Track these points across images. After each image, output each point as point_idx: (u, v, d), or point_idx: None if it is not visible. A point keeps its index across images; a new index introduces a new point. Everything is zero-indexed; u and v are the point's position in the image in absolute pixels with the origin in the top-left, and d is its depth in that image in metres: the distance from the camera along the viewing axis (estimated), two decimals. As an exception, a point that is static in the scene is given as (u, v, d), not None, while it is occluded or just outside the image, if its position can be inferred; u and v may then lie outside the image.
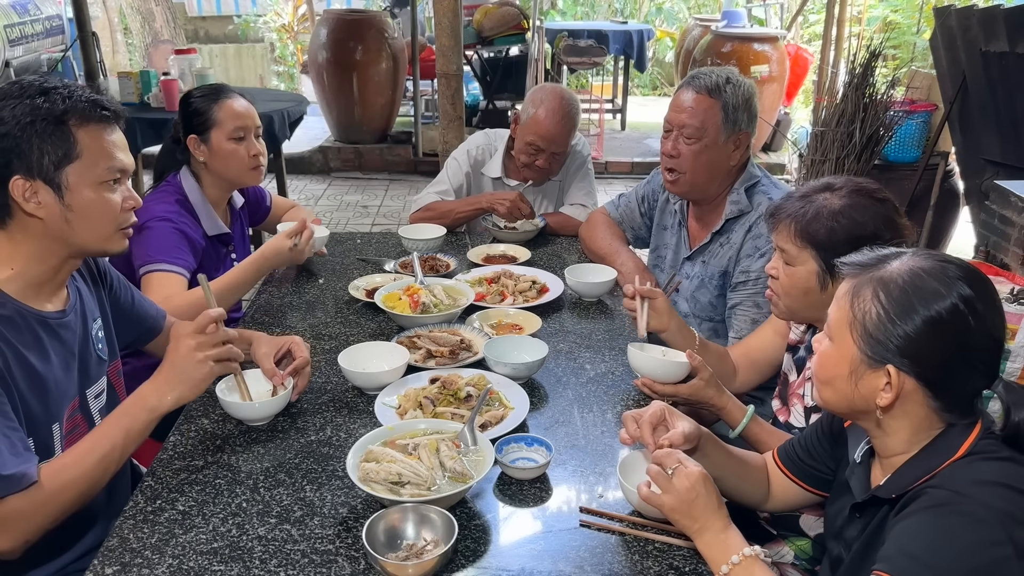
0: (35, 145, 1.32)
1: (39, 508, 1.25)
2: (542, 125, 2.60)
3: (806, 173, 4.83)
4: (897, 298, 1.08)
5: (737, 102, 2.04)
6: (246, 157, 2.19)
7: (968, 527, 0.99)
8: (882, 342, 1.09)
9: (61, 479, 1.27)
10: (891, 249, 1.17)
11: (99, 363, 1.53)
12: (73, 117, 1.35)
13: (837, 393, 1.17)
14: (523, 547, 1.26)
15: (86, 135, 1.36)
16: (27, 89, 1.34)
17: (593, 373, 1.82)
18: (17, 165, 1.32)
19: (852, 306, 1.13)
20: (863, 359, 1.11)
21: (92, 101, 1.37)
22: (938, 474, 1.07)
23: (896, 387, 1.09)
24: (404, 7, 7.27)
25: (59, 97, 1.34)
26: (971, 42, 3.88)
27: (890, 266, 1.12)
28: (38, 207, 1.34)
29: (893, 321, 1.08)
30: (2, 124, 1.31)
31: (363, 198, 6.32)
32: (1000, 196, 3.48)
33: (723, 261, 2.14)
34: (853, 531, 1.23)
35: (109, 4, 10.18)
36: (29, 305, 1.37)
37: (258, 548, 1.24)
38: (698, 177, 2.11)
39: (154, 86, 4.50)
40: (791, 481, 1.44)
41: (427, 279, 2.17)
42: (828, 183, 1.56)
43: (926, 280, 1.08)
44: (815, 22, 9.02)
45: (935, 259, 1.11)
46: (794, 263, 1.56)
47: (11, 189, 1.32)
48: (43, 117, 1.32)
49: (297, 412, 1.63)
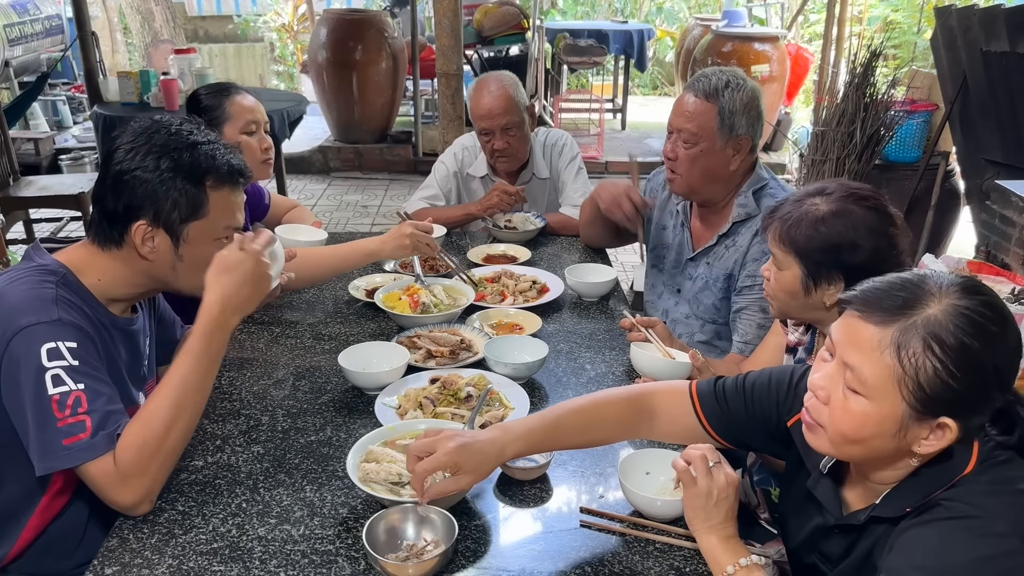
0: (170, 198, 1.36)
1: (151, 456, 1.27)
2: (477, 107, 2.65)
3: (807, 173, 4.83)
4: (956, 349, 0.98)
5: (735, 107, 2.01)
6: (258, 151, 2.23)
7: (982, 540, 0.97)
8: (940, 398, 0.99)
9: (165, 419, 1.29)
10: (905, 282, 1.05)
11: (143, 379, 1.55)
12: (211, 179, 1.39)
13: (868, 449, 1.06)
14: (523, 547, 1.26)
15: (218, 197, 1.41)
16: (175, 137, 1.38)
17: (593, 373, 1.82)
18: (147, 210, 1.36)
19: (900, 360, 1.00)
20: (912, 415, 1.01)
21: (233, 167, 1.42)
22: (953, 487, 1.03)
23: (952, 437, 1.01)
24: (404, 7, 7.27)
25: (203, 156, 1.39)
26: (972, 42, 3.88)
27: (928, 309, 1.00)
28: (152, 251, 1.38)
29: (953, 375, 0.98)
30: (144, 171, 1.35)
31: (363, 198, 6.32)
32: (1001, 196, 3.48)
33: (728, 264, 2.13)
34: (834, 547, 1.19)
35: (109, 4, 10.18)
36: (107, 309, 1.42)
37: (258, 548, 1.23)
38: (694, 180, 2.10)
39: (154, 86, 4.51)
40: (703, 427, 1.32)
41: (427, 279, 2.17)
42: (822, 187, 1.54)
43: (977, 322, 0.99)
44: (815, 22, 9.02)
45: (969, 294, 1.01)
46: (781, 267, 1.56)
47: (134, 231, 1.37)
48: (185, 175, 1.37)
49: (297, 412, 1.63)
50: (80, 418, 1.24)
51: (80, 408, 1.24)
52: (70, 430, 1.23)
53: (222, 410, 1.62)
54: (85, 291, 1.38)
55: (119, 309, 1.46)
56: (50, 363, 1.24)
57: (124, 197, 1.36)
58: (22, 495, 1.37)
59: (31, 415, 1.24)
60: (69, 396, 1.24)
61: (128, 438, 1.27)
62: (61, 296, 1.32)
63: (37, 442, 1.24)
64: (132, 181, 1.35)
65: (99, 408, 1.26)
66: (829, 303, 1.52)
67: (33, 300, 1.29)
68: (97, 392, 1.27)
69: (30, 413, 1.24)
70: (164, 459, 1.30)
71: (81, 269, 1.39)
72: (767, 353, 1.86)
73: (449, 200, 2.83)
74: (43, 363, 1.24)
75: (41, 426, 1.24)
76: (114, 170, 1.37)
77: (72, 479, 1.35)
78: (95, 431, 1.24)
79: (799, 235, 1.50)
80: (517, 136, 2.69)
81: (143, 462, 1.26)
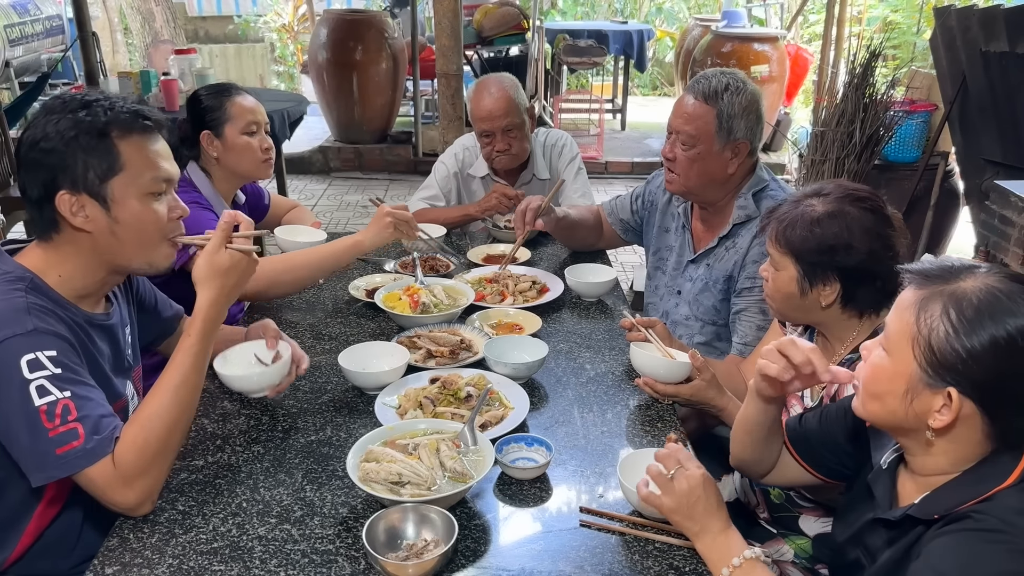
0: (79, 159, 1.32)
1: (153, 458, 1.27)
2: (478, 109, 2.65)
3: (806, 173, 4.83)
4: (970, 317, 1.01)
5: (733, 111, 2.00)
6: (258, 151, 2.24)
7: (1009, 556, 0.96)
8: (946, 362, 1.02)
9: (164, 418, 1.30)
10: (962, 261, 1.09)
11: (127, 369, 1.54)
12: (115, 129, 1.35)
13: (886, 408, 1.10)
14: (523, 547, 1.26)
15: (129, 147, 1.36)
16: (69, 103, 1.35)
17: (593, 373, 1.82)
18: (62, 179, 1.32)
19: (918, 320, 1.04)
20: (922, 377, 1.04)
21: (134, 112, 1.38)
22: (986, 499, 1.02)
23: (955, 411, 1.03)
24: (404, 7, 7.27)
25: (101, 109, 1.34)
26: (971, 42, 3.88)
27: (963, 282, 1.04)
28: (86, 221, 1.35)
29: (961, 341, 1.01)
30: (46, 140, 1.32)
31: (363, 198, 6.32)
32: (1000, 196, 3.48)
33: (728, 265, 2.13)
34: (876, 540, 1.19)
35: (109, 4, 10.19)
36: (79, 306, 1.40)
37: (258, 548, 1.24)
38: (691, 182, 2.10)
39: (154, 86, 4.51)
40: (797, 462, 1.41)
41: (427, 279, 2.17)
42: (819, 188, 1.55)
43: (1002, 300, 1.01)
44: (815, 22, 9.02)
45: (1013, 280, 1.04)
46: (778, 268, 1.56)
47: (58, 204, 1.33)
48: (86, 131, 1.32)
49: (297, 412, 1.63)
50: (71, 426, 1.23)
51: (70, 416, 1.23)
52: (63, 439, 1.22)
53: (222, 410, 1.63)
54: (54, 293, 1.35)
55: (92, 304, 1.43)
56: (32, 374, 1.22)
57: (39, 175, 1.33)
58: (20, 502, 1.37)
59: (21, 429, 1.22)
60: (57, 405, 1.22)
61: (128, 439, 1.27)
62: (33, 304, 1.29)
63: (31, 453, 1.23)
64: (39, 156, 1.32)
65: (90, 414, 1.25)
66: (825, 304, 1.52)
67: (5, 312, 1.26)
68: (84, 398, 1.26)
69: (19, 427, 1.22)
70: (165, 458, 1.30)
71: (42, 269, 1.36)
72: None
73: (449, 200, 2.83)
74: (25, 376, 1.22)
75: (33, 438, 1.22)
76: (23, 155, 1.34)
77: (65, 486, 1.34)
78: (88, 436, 1.23)
79: (795, 236, 1.51)
80: (517, 137, 2.70)
81: (144, 463, 1.26)
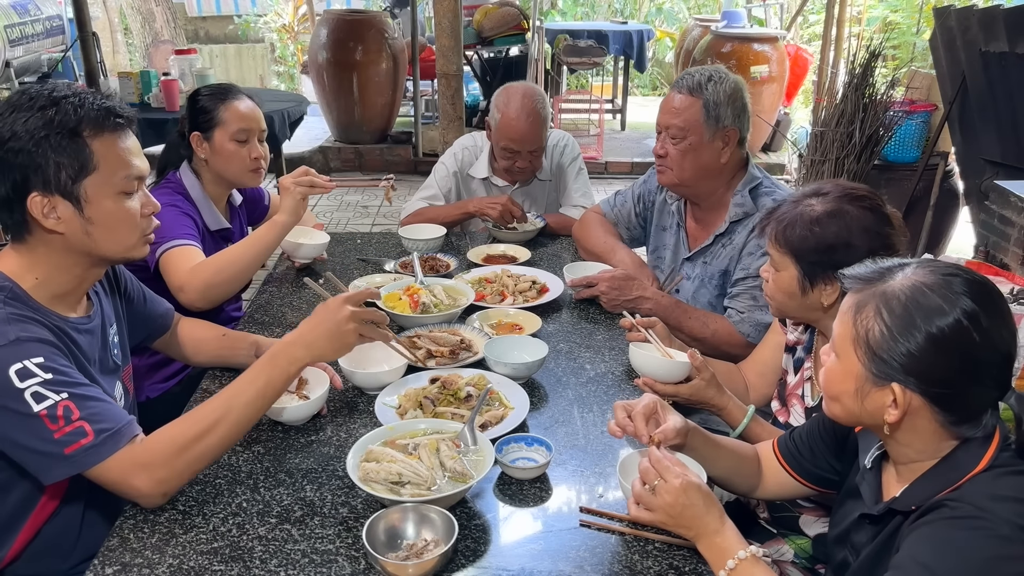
0: (51, 160, 1.28)
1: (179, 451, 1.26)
2: (512, 127, 2.60)
3: (805, 173, 4.83)
4: (899, 315, 1.05)
5: (719, 99, 2.04)
6: (247, 159, 2.20)
7: (986, 542, 0.98)
8: (886, 360, 1.06)
9: (204, 422, 1.29)
10: (895, 261, 1.13)
11: (114, 369, 1.53)
12: (87, 128, 1.30)
13: (844, 409, 1.15)
14: (523, 547, 1.26)
15: (102, 145, 1.32)
16: (36, 99, 1.30)
17: (593, 373, 1.82)
18: (34, 181, 1.28)
19: (855, 323, 1.09)
20: (868, 376, 1.09)
21: (105, 109, 1.33)
22: (959, 487, 1.05)
23: (902, 405, 1.07)
24: (404, 7, 7.27)
25: (70, 107, 1.30)
26: (971, 42, 3.88)
27: (893, 281, 1.09)
28: (58, 222, 1.31)
29: (895, 339, 1.05)
30: (15, 139, 1.27)
31: (363, 198, 6.32)
32: (1000, 196, 3.49)
33: (724, 261, 2.14)
34: (862, 537, 1.21)
35: (109, 4, 10.19)
36: (57, 312, 1.37)
37: (258, 548, 1.24)
38: (685, 174, 2.11)
39: (154, 86, 4.51)
40: (789, 475, 1.43)
41: (427, 279, 2.17)
42: (819, 188, 1.55)
43: (928, 296, 1.05)
44: (815, 22, 9.03)
45: (939, 272, 1.07)
46: (778, 268, 1.57)
47: (29, 207, 1.29)
48: (57, 130, 1.28)
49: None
50: (76, 425, 1.22)
51: (73, 416, 1.22)
52: (70, 439, 1.21)
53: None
54: (33, 301, 1.33)
55: (72, 305, 1.41)
56: (23, 383, 1.20)
57: (9, 176, 1.28)
58: (21, 502, 1.37)
59: (26, 437, 1.21)
60: (57, 408, 1.21)
61: (167, 430, 1.28)
62: (12, 314, 1.26)
63: (40, 456, 1.22)
64: (8, 156, 1.27)
65: (95, 410, 1.24)
66: (826, 303, 1.53)
67: None
68: (83, 396, 1.25)
69: (24, 436, 1.21)
70: (191, 459, 1.28)
71: (19, 274, 1.33)
72: (767, 351, 1.87)
73: (449, 200, 2.83)
74: (16, 386, 1.20)
75: (39, 442, 1.21)
76: None
77: (60, 484, 1.33)
78: (97, 433, 1.23)
79: (794, 236, 1.51)
80: (538, 156, 2.71)
81: (170, 455, 1.26)
